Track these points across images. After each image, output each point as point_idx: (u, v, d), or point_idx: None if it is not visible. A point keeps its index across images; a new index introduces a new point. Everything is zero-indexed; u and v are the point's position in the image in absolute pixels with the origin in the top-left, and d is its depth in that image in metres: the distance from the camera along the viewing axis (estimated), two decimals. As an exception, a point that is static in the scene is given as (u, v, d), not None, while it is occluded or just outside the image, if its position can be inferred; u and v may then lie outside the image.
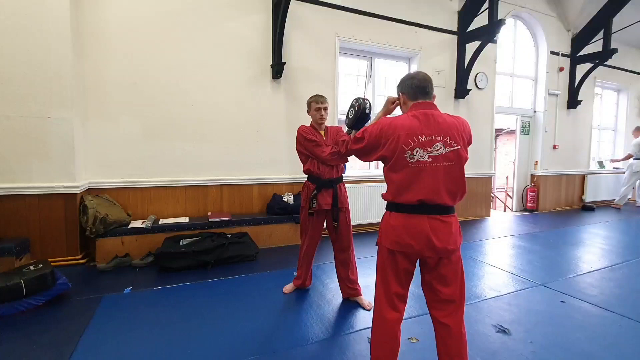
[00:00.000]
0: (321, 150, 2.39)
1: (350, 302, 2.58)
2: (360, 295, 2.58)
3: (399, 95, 1.64)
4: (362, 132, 1.60)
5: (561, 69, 6.54)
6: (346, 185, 2.67)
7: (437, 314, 1.54)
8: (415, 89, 1.54)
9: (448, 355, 1.51)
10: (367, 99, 2.01)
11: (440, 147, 1.44)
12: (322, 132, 2.55)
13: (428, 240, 1.44)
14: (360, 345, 2.02)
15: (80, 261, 3.30)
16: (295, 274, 2.89)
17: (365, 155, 1.65)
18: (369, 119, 2.00)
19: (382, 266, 1.58)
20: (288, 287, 2.78)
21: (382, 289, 1.57)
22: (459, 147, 1.46)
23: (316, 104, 2.50)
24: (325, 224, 2.61)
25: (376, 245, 1.63)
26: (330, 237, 2.61)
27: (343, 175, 2.62)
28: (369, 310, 2.43)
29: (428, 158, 1.44)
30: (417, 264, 1.59)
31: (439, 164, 1.44)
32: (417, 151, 1.44)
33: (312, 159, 2.49)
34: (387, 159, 1.51)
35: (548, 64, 6.39)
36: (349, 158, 2.37)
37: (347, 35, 4.55)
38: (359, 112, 1.97)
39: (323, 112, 2.51)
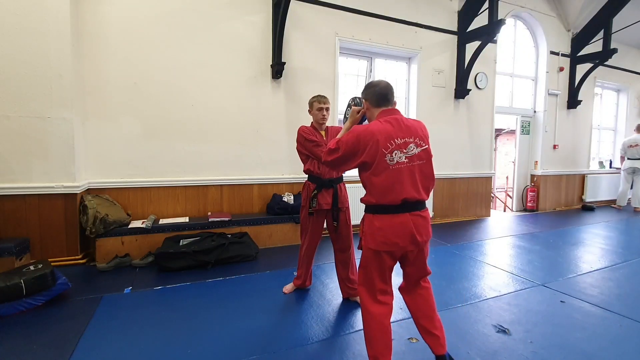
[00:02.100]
0: (321, 151, 2.38)
1: (350, 302, 2.58)
2: (360, 295, 2.58)
3: (362, 101, 1.77)
4: (336, 142, 1.67)
5: (561, 69, 6.54)
6: (346, 185, 2.67)
7: (424, 284, 1.75)
8: (378, 96, 1.68)
9: (431, 308, 1.72)
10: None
11: (414, 148, 1.59)
12: (323, 133, 2.56)
13: (412, 236, 1.56)
14: (360, 345, 2.02)
15: (80, 261, 3.30)
16: (295, 273, 2.89)
17: (342, 164, 1.70)
18: (366, 118, 2.01)
19: (365, 265, 1.67)
20: (288, 287, 2.78)
21: (365, 287, 1.68)
22: (427, 146, 1.64)
23: (319, 104, 2.52)
24: (325, 224, 2.61)
25: (359, 249, 1.71)
26: (331, 237, 2.61)
27: (343, 175, 2.62)
28: (369, 310, 2.43)
29: (405, 159, 1.58)
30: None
31: (414, 163, 1.59)
32: (395, 153, 1.55)
33: (313, 159, 2.50)
34: (368, 164, 1.58)
35: (548, 64, 6.39)
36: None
37: (347, 35, 4.55)
38: None
39: (325, 113, 2.53)
